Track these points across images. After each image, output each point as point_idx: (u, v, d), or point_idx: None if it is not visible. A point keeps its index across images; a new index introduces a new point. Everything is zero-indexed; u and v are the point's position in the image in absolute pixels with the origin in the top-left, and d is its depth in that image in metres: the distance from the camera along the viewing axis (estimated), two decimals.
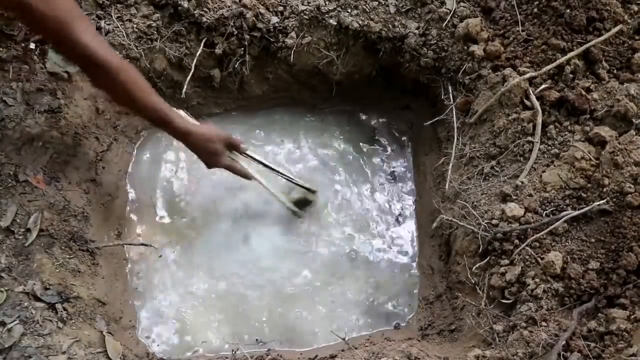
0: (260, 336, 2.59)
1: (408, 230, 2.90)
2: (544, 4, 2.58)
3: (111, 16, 2.66)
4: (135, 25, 2.67)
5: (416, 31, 2.76)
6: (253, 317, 2.64)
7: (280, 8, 2.78)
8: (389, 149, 3.11)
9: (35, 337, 2.09)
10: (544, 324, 2.08)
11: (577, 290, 2.11)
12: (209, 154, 2.51)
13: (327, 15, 2.75)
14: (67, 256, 2.35)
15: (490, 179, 2.50)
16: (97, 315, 2.35)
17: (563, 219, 2.20)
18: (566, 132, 2.43)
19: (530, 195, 2.33)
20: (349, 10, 2.76)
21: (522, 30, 2.61)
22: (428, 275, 2.76)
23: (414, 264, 2.81)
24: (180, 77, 2.83)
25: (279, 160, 2.99)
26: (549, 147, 2.42)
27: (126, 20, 2.68)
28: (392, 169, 3.06)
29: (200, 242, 2.79)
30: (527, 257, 2.21)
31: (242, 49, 2.77)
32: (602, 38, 2.47)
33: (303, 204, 2.85)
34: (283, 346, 2.57)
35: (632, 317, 1.99)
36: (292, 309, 2.67)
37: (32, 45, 2.52)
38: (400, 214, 2.93)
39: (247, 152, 2.65)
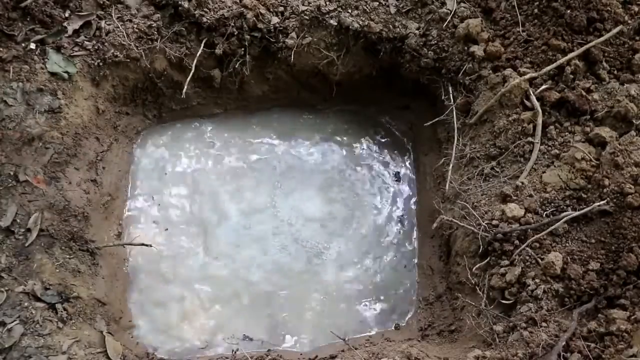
0: (250, 333, 2.60)
1: (408, 230, 2.91)
2: (545, 4, 2.58)
3: (111, 16, 2.67)
4: (135, 26, 2.67)
5: (416, 32, 2.76)
6: (251, 315, 2.65)
7: (281, 8, 2.78)
8: (388, 149, 3.11)
9: (35, 337, 2.09)
10: (544, 324, 2.08)
11: (577, 290, 2.11)
12: None
13: (327, 16, 2.75)
14: (67, 256, 2.35)
15: (491, 179, 2.50)
16: (97, 315, 2.35)
17: (563, 219, 2.21)
18: (566, 133, 2.43)
19: (531, 195, 2.33)
20: (350, 11, 2.76)
21: (523, 31, 2.61)
22: (428, 275, 2.76)
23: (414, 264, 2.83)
24: (180, 77, 2.83)
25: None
26: (549, 148, 2.42)
27: (127, 20, 2.68)
28: (393, 170, 3.06)
29: (198, 241, 2.79)
30: (527, 257, 2.21)
31: (243, 49, 2.78)
32: (602, 39, 2.47)
33: None
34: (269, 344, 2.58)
35: (632, 317, 1.99)
36: (289, 308, 2.67)
37: (33, 46, 2.52)
38: (401, 214, 2.94)
39: None
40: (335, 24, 2.75)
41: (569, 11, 2.51)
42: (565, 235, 2.22)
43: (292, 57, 2.79)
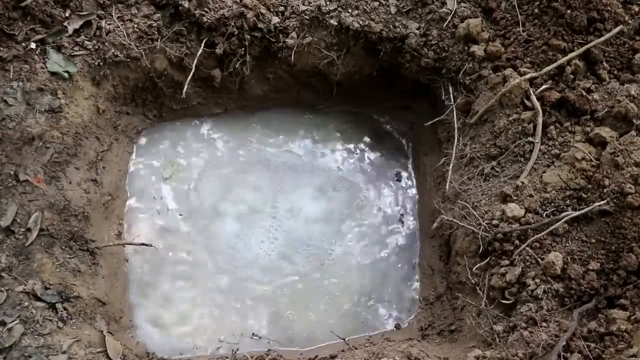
0: (256, 332, 2.59)
1: (409, 230, 2.91)
2: (545, 4, 2.58)
3: (112, 16, 2.67)
4: (136, 25, 2.67)
5: (417, 31, 2.76)
6: (252, 314, 2.65)
7: (281, 8, 2.78)
8: (389, 149, 3.11)
9: (36, 336, 2.09)
10: (544, 324, 2.08)
11: (578, 290, 2.11)
12: None
13: (327, 16, 2.75)
14: (68, 256, 2.35)
15: (491, 179, 2.50)
16: (97, 315, 2.35)
17: (563, 219, 2.20)
18: (567, 133, 2.43)
19: (531, 195, 2.33)
20: (350, 11, 2.76)
21: (523, 31, 2.61)
22: (428, 275, 2.76)
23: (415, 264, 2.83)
24: (181, 77, 2.83)
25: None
26: (550, 148, 2.42)
27: (127, 20, 2.68)
28: (393, 169, 3.06)
29: (200, 240, 2.79)
30: (528, 257, 2.21)
31: (243, 49, 2.78)
32: (602, 39, 2.47)
33: None
34: (282, 345, 2.58)
35: (633, 317, 1.99)
36: (289, 308, 2.68)
37: (33, 45, 2.52)
38: (401, 214, 2.94)
39: None
40: (336, 23, 2.75)
41: (569, 11, 2.51)
42: (565, 235, 2.22)
43: (293, 57, 2.79)
